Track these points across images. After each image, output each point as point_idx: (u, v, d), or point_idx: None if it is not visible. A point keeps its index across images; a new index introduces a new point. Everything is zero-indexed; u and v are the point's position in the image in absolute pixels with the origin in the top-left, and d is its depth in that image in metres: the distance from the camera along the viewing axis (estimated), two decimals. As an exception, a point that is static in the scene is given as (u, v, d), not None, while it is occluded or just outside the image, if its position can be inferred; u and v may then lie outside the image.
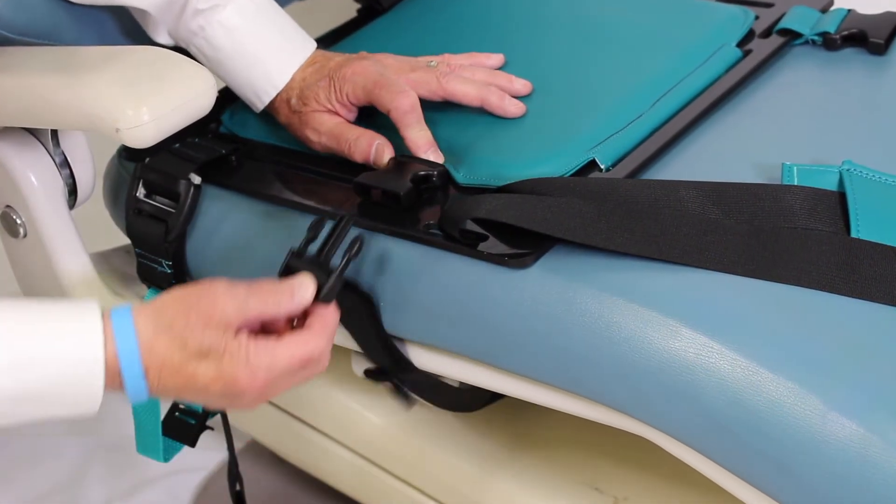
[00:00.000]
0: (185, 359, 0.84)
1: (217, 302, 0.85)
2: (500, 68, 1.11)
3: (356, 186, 1.00)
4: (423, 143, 1.02)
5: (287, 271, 0.90)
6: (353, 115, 1.07)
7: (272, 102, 1.08)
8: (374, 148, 1.03)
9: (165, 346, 0.84)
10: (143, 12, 1.07)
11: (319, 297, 0.89)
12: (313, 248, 0.91)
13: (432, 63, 1.08)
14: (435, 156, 1.02)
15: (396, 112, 1.02)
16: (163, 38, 1.09)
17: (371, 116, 1.06)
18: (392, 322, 0.99)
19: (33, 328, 0.82)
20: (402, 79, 1.05)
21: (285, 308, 0.88)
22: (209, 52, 1.06)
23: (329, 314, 0.89)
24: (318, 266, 0.90)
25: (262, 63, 1.06)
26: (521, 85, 1.07)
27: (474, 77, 1.06)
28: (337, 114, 1.06)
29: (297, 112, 1.07)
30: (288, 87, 1.07)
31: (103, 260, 1.17)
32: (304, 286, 0.89)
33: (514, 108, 1.05)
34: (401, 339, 1.01)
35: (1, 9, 1.02)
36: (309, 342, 0.87)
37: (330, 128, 1.05)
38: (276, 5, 1.08)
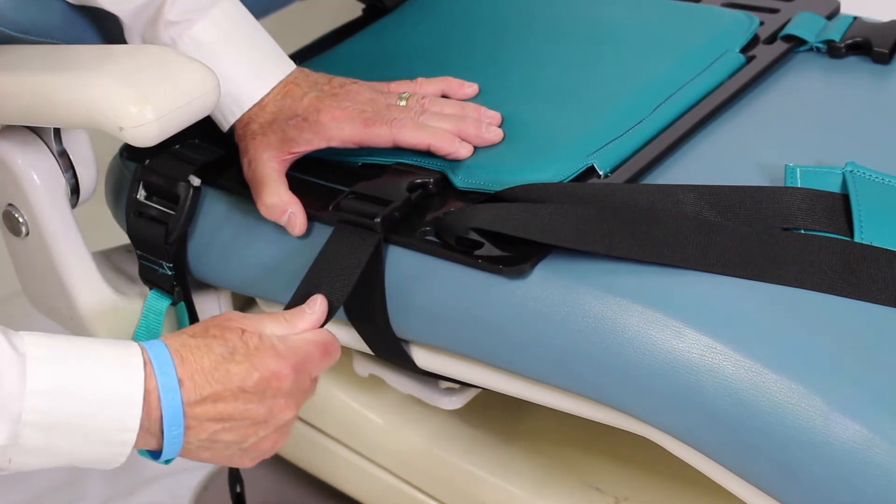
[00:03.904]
0: (216, 361, 0.84)
1: (231, 317, 0.88)
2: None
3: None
4: (447, 135, 1.02)
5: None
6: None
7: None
8: (285, 217, 1.01)
9: (194, 354, 0.84)
10: (118, 17, 1.06)
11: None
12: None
13: (404, 94, 1.05)
14: (464, 148, 1.02)
15: (404, 142, 1.01)
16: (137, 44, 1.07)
17: None
18: (394, 324, 0.99)
19: (70, 354, 0.81)
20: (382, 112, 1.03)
21: (300, 327, 0.91)
22: None
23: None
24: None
25: (230, 82, 1.03)
26: (492, 116, 1.05)
27: (444, 111, 1.04)
28: (286, 159, 1.03)
29: (253, 136, 1.03)
30: (254, 114, 1.04)
31: (105, 259, 1.17)
32: (315, 303, 0.92)
33: (491, 135, 1.03)
34: (405, 340, 1.01)
35: (3, 7, 1.02)
36: (321, 332, 0.91)
37: (256, 171, 1.02)
38: (253, 22, 1.06)
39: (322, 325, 0.92)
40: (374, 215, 0.96)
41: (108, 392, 0.80)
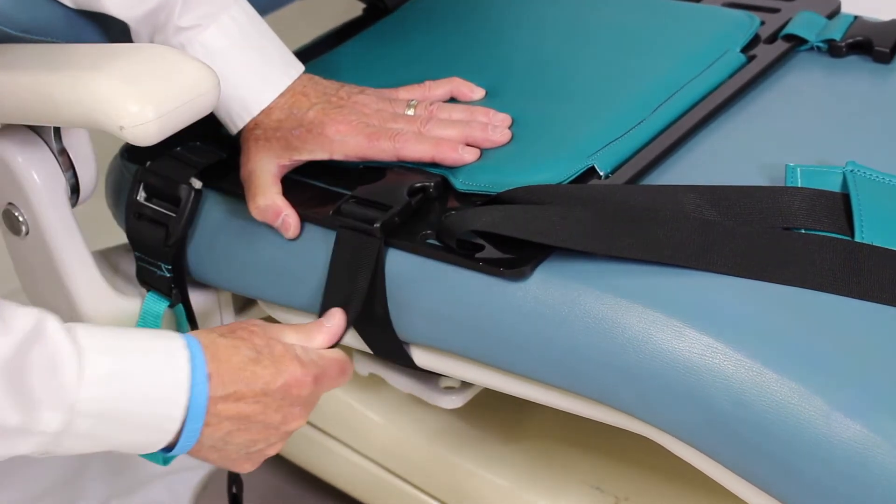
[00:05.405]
0: (243, 361, 0.87)
1: (255, 322, 0.91)
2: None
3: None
4: (450, 144, 1.02)
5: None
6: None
7: None
8: (279, 220, 1.01)
9: (224, 352, 0.87)
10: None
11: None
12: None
13: (412, 102, 1.05)
14: (469, 153, 1.01)
15: (407, 157, 1.01)
16: None
17: None
18: (396, 327, 0.99)
19: (122, 345, 0.84)
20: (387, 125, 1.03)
21: (318, 340, 0.94)
22: None
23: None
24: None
25: (239, 89, 1.03)
26: (501, 119, 1.05)
27: (452, 117, 1.04)
28: (285, 165, 1.03)
29: (256, 139, 1.03)
30: (260, 119, 1.03)
31: (105, 258, 1.17)
32: (334, 318, 0.96)
33: (498, 136, 1.03)
34: (405, 342, 1.01)
35: (3, 6, 1.02)
36: (339, 351, 0.95)
37: (252, 173, 1.03)
38: (261, 26, 1.05)
39: (339, 339, 0.95)
40: (373, 220, 0.96)
41: (158, 383, 0.84)
